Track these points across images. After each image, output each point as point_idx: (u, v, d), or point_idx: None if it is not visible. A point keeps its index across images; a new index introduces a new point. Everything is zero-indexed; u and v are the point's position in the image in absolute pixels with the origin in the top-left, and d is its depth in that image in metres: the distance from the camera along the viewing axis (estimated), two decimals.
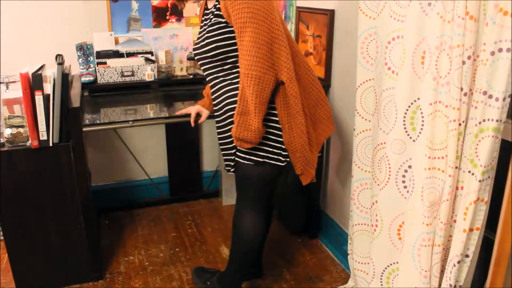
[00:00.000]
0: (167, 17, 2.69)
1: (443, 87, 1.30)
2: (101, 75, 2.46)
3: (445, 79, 1.29)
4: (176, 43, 2.72)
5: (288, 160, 1.67)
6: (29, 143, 1.89)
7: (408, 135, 1.48)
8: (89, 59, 2.46)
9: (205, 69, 1.70)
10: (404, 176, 1.53)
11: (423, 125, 1.37)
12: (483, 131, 1.22)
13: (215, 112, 1.74)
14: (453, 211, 1.39)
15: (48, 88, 1.86)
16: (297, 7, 2.44)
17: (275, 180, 1.78)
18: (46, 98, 1.83)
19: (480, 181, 1.25)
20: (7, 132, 1.86)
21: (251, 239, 1.81)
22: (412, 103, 1.44)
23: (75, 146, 1.94)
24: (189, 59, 2.71)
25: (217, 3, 1.58)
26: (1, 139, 1.89)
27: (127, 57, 2.57)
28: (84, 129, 2.00)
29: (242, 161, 1.68)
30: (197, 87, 2.63)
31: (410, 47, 1.39)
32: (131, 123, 2.10)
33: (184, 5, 2.35)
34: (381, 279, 1.71)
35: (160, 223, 2.72)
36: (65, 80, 1.87)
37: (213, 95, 1.72)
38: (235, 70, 1.61)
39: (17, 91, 1.94)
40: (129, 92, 2.54)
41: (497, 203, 1.32)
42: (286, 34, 1.56)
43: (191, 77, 2.68)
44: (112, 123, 2.13)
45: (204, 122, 2.01)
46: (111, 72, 2.47)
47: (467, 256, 1.36)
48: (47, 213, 1.98)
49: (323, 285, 2.17)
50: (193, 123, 1.97)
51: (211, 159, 3.05)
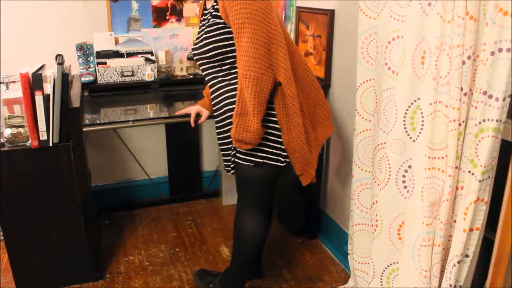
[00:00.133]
0: (167, 17, 2.69)
1: (443, 87, 1.30)
2: (101, 75, 2.46)
3: (445, 79, 1.29)
4: (176, 43, 2.72)
5: (287, 160, 1.67)
6: (29, 143, 1.89)
7: (408, 135, 1.48)
8: (89, 59, 2.46)
9: (204, 70, 1.70)
10: (404, 176, 1.53)
11: (423, 125, 1.37)
12: (483, 131, 1.22)
13: (214, 112, 1.74)
14: (453, 211, 1.39)
15: (48, 88, 1.86)
16: (297, 7, 2.44)
17: (275, 180, 1.77)
18: (46, 98, 1.83)
19: (480, 181, 1.25)
20: (7, 132, 1.86)
21: (252, 240, 1.81)
22: (412, 103, 1.44)
23: (75, 146, 1.94)
24: (189, 59, 2.71)
25: (215, 3, 1.57)
26: (1, 139, 1.89)
27: (127, 57, 2.57)
28: (84, 129, 2.00)
29: (241, 162, 1.67)
30: (197, 87, 2.63)
31: (410, 47, 1.39)
32: (131, 123, 2.10)
33: (182, 5, 2.35)
34: (381, 279, 1.71)
35: (160, 223, 2.72)
36: (65, 80, 1.87)
37: (212, 95, 1.71)
38: (234, 70, 1.60)
39: (17, 91, 1.94)
40: (129, 92, 2.55)
41: (497, 203, 1.32)
42: (284, 34, 1.56)
43: (191, 77, 2.68)
44: (112, 123, 2.13)
45: (204, 122, 2.01)
46: (111, 72, 2.47)
47: (467, 256, 1.36)
48: (47, 213, 1.99)
49: (323, 285, 2.17)
50: (193, 123, 1.97)
51: (211, 159, 3.05)
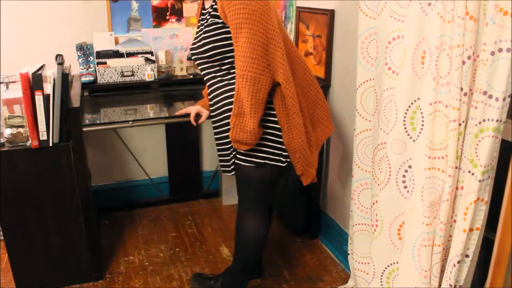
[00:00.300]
0: (167, 17, 2.69)
1: (443, 87, 1.30)
2: (101, 75, 2.46)
3: (445, 79, 1.29)
4: (176, 43, 2.72)
5: (288, 160, 1.66)
6: (29, 143, 1.89)
7: (408, 135, 1.48)
8: (89, 59, 2.46)
9: (202, 69, 1.69)
10: (404, 176, 1.53)
11: (423, 125, 1.37)
12: (483, 131, 1.22)
13: (212, 112, 1.73)
14: (453, 211, 1.39)
15: (48, 88, 1.86)
16: (297, 7, 2.44)
17: (276, 181, 1.77)
18: (46, 98, 1.83)
19: (480, 181, 1.25)
20: (7, 132, 1.86)
21: (253, 240, 1.81)
22: (412, 103, 1.44)
23: (75, 146, 1.94)
24: (189, 59, 2.71)
25: (214, 3, 1.57)
26: (1, 139, 1.89)
27: (127, 57, 2.57)
28: (84, 129, 2.00)
29: (242, 163, 1.66)
30: (197, 87, 2.63)
31: (410, 47, 1.39)
32: (131, 123, 2.10)
33: (181, 5, 2.36)
34: (381, 279, 1.71)
35: (160, 223, 2.72)
36: (65, 80, 1.87)
37: (210, 95, 1.71)
38: (232, 70, 1.60)
39: (17, 91, 1.94)
40: (129, 92, 2.54)
41: (497, 203, 1.32)
42: (283, 34, 1.55)
43: (191, 77, 2.68)
44: (112, 123, 2.13)
45: (204, 122, 2.01)
46: (111, 72, 2.47)
47: (467, 256, 1.36)
48: (47, 213, 1.99)
49: (323, 285, 2.17)
50: (194, 122, 1.96)
51: (211, 159, 3.05)
